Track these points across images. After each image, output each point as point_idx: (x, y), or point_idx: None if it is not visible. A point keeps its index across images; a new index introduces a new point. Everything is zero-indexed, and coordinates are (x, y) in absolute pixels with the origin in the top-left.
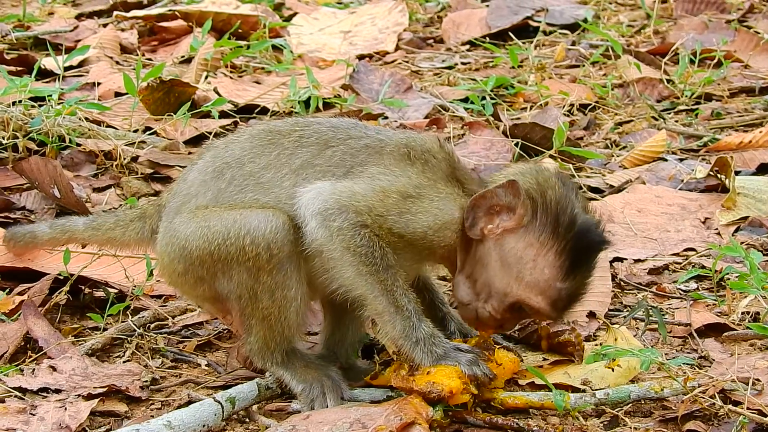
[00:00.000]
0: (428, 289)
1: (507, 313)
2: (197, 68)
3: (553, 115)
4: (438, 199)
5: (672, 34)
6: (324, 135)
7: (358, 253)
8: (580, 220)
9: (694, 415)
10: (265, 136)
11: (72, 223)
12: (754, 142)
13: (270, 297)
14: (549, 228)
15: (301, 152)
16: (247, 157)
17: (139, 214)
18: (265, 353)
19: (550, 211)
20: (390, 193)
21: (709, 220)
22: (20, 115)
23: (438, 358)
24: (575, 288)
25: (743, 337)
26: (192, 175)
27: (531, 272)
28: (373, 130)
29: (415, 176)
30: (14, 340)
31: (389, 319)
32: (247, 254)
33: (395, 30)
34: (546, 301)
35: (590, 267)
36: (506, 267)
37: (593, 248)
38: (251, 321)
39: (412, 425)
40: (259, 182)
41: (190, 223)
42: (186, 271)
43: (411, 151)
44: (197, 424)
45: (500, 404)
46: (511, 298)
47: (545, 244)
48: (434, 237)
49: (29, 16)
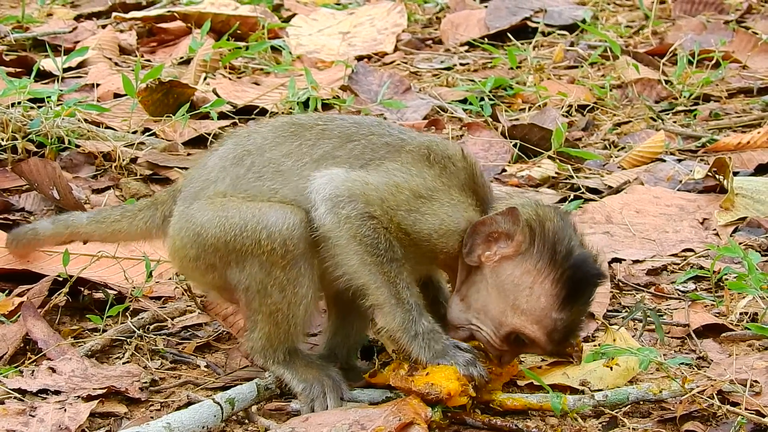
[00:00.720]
0: (434, 286)
1: (504, 344)
2: (196, 69)
3: (551, 115)
4: (448, 205)
5: (670, 34)
6: (347, 130)
7: (364, 242)
8: (577, 251)
9: (693, 416)
10: (288, 128)
11: (75, 218)
12: (753, 143)
13: (280, 293)
14: (546, 256)
15: (322, 144)
16: (268, 145)
17: (150, 202)
18: (267, 351)
19: (548, 241)
20: (403, 189)
21: (707, 221)
22: (19, 116)
23: (436, 354)
24: (571, 320)
25: (741, 337)
26: (212, 160)
27: (527, 300)
28: (397, 129)
29: (431, 179)
30: (14, 341)
31: (390, 310)
32: (263, 248)
33: (394, 31)
34: (542, 331)
35: (587, 300)
36: (502, 294)
37: (590, 280)
38: (257, 316)
39: (411, 425)
40: (278, 170)
41: (207, 210)
42: (198, 257)
43: (431, 154)
44: (197, 426)
45: (499, 406)
46: (507, 327)
47: (542, 271)
48: (438, 241)
49: (28, 18)
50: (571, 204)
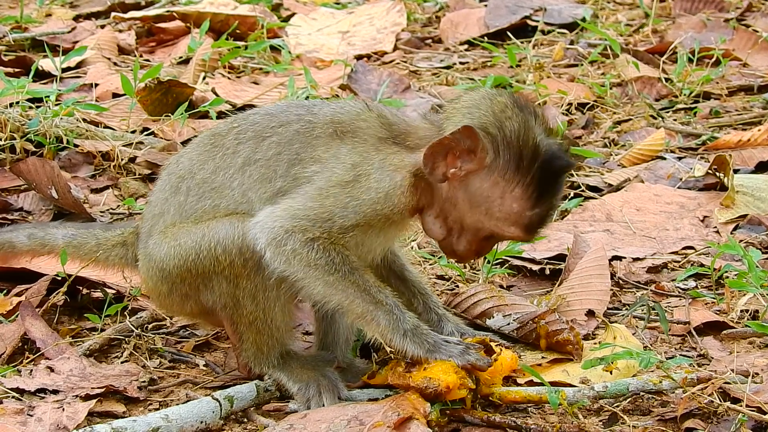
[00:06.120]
0: (421, 293)
1: (482, 243)
2: (195, 69)
3: (551, 114)
4: (375, 171)
5: (670, 32)
6: (258, 126)
7: (320, 265)
8: (543, 148)
9: (693, 413)
10: (208, 141)
11: (51, 237)
12: (753, 141)
13: (253, 301)
14: (513, 164)
15: (241, 149)
16: (196, 166)
17: (121, 241)
18: (260, 358)
19: (512, 146)
20: (328, 190)
21: (707, 219)
22: (18, 116)
23: (430, 347)
24: (546, 210)
25: (742, 335)
26: (154, 196)
27: (500, 208)
28: (304, 108)
29: (348, 156)
30: (12, 341)
31: (372, 317)
32: (222, 264)
33: (393, 30)
34: (519, 229)
35: (559, 188)
36: (475, 206)
37: (559, 173)
38: (240, 328)
39: (410, 420)
40: (212, 187)
41: (163, 243)
42: (171, 291)
43: (338, 127)
44: (195, 420)
45: (499, 399)
46: (484, 232)
47: (511, 180)
48: (385, 208)
49: (27, 18)
50: (572, 202)
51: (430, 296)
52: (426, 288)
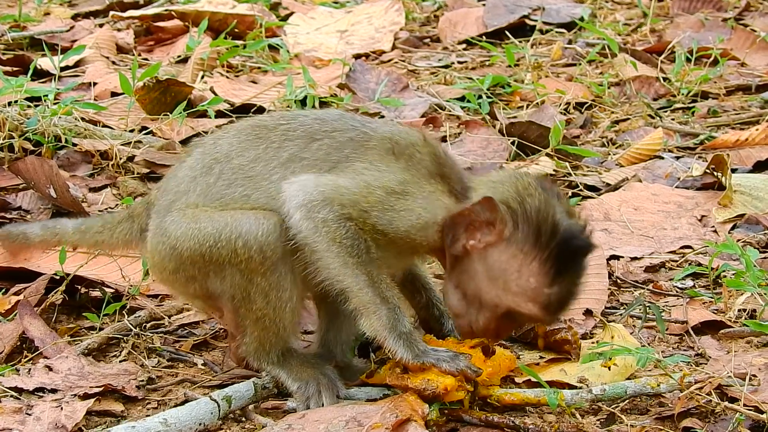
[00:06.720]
0: (425, 288)
1: (501, 322)
2: (193, 68)
3: (549, 113)
4: (422, 198)
5: (668, 32)
6: (309, 128)
7: (344, 245)
8: (563, 226)
9: (691, 413)
10: (251, 131)
11: (62, 226)
12: (751, 140)
13: (264, 299)
14: (531, 238)
15: (288, 145)
16: (235, 151)
17: (127, 214)
18: (260, 354)
19: (531, 221)
20: (374, 189)
21: (705, 218)
22: (16, 115)
23: (418, 354)
24: (566, 291)
25: (740, 334)
26: (182, 172)
27: (517, 282)
28: (359, 122)
29: (400, 172)
30: (10, 340)
31: (375, 310)
32: (240, 257)
33: (392, 29)
34: (537, 307)
35: (579, 270)
36: (493, 279)
37: (578, 253)
38: (245, 322)
39: (408, 422)
40: (248, 176)
41: (181, 222)
42: (177, 270)
43: (395, 147)
44: (193, 422)
45: (497, 401)
46: (502, 308)
47: (529, 253)
48: (417, 236)
49: (25, 17)
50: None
51: (434, 292)
52: (430, 284)
